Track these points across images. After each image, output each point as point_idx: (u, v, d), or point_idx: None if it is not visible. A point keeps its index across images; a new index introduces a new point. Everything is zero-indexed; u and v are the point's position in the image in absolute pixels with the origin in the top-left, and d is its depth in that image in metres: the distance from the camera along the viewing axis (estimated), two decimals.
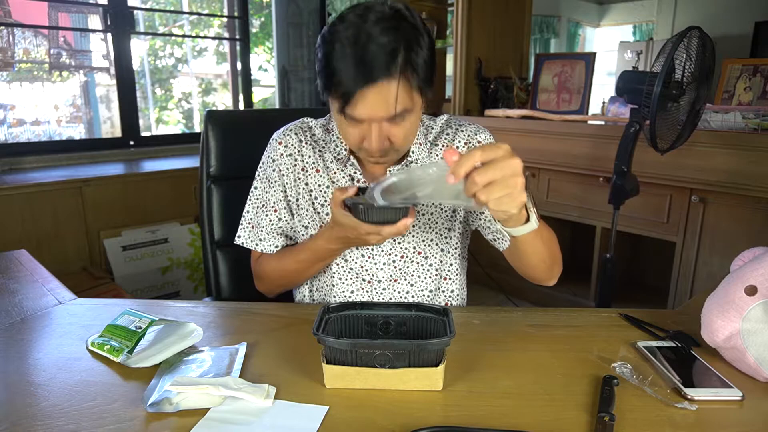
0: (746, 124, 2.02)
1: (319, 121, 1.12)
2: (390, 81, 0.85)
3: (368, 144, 0.92)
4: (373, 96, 0.86)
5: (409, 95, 0.89)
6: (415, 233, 1.07)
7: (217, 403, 0.70)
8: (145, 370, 0.79)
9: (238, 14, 3.39)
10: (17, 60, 2.72)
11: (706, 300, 0.84)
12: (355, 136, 0.94)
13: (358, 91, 0.86)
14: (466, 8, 2.97)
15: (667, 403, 0.71)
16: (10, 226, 2.12)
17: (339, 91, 0.87)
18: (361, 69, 0.84)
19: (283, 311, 1.02)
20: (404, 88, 0.87)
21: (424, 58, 0.89)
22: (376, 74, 0.84)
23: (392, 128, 0.91)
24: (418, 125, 0.98)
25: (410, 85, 0.88)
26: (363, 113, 0.88)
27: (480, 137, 1.09)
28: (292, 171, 1.08)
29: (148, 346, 0.85)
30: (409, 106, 0.89)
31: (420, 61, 0.88)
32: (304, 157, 1.08)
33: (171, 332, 0.87)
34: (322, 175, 1.07)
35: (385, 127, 0.91)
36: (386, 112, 0.88)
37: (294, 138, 1.09)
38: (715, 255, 2.15)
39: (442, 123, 1.11)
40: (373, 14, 0.86)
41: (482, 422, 0.67)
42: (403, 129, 0.92)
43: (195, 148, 3.08)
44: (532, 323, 0.97)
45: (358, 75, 0.85)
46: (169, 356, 0.82)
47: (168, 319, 0.90)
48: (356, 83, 0.85)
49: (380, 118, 0.89)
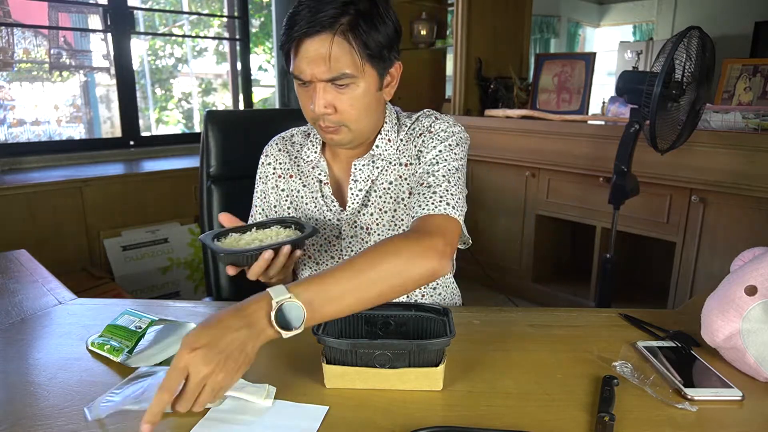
0: (746, 124, 2.02)
1: (303, 128, 1.14)
2: (329, 35, 0.86)
3: (313, 108, 0.91)
4: (313, 50, 0.86)
5: (350, 58, 0.87)
6: (379, 232, 1.06)
7: (217, 404, 0.70)
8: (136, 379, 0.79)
9: (238, 14, 3.39)
10: (17, 60, 2.72)
11: (706, 300, 0.84)
12: (305, 101, 0.93)
13: (298, 41, 0.87)
14: (466, 8, 2.97)
15: (667, 403, 0.71)
16: (10, 226, 2.12)
17: (287, 45, 0.89)
18: (307, 20, 0.85)
19: None
20: (344, 48, 0.86)
21: (378, 34, 0.89)
22: (318, 26, 0.85)
23: (336, 94, 0.90)
24: (370, 103, 0.94)
25: (351, 46, 0.87)
26: (303, 69, 0.88)
27: (435, 127, 1.00)
28: (270, 179, 1.11)
29: (148, 346, 0.85)
30: (351, 70, 0.88)
31: (372, 33, 0.88)
32: (281, 164, 1.11)
33: (171, 332, 0.87)
34: (294, 180, 1.10)
35: (330, 92, 0.90)
36: (325, 70, 0.87)
37: (275, 148, 1.12)
38: (715, 255, 2.15)
39: (415, 118, 1.07)
40: None
41: (482, 422, 0.67)
42: (348, 98, 0.91)
43: (195, 148, 3.08)
44: (532, 323, 0.97)
45: (302, 24, 0.85)
46: (169, 356, 0.82)
47: (168, 319, 0.90)
48: (299, 32, 0.86)
49: (319, 76, 0.88)
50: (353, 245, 1.07)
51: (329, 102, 0.90)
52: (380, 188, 1.04)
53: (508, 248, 2.95)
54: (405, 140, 1.05)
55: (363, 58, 0.88)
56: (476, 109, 3.14)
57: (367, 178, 1.04)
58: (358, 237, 1.06)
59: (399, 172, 1.04)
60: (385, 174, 1.04)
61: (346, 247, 1.07)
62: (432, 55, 3.80)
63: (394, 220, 1.06)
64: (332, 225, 1.07)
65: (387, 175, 1.04)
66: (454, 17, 3.03)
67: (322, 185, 1.06)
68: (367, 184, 1.04)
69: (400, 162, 1.04)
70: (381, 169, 1.04)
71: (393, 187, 1.04)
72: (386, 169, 1.04)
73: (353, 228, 1.06)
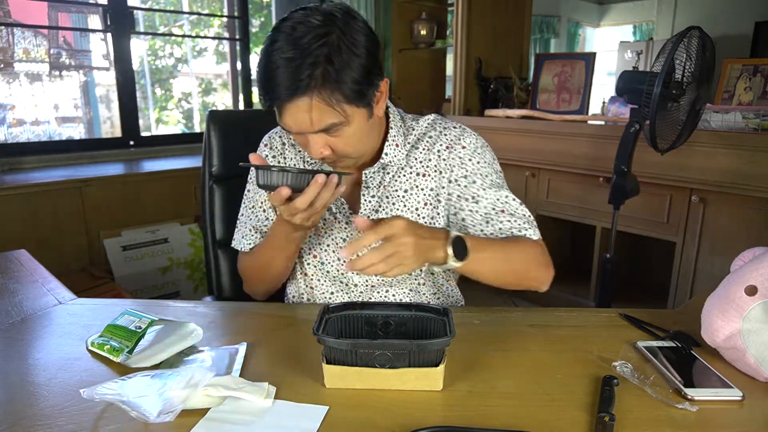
0: (746, 124, 2.02)
1: None
2: (305, 97, 0.84)
3: (310, 152, 0.92)
4: (295, 111, 0.86)
5: (333, 112, 0.86)
6: None
7: (217, 403, 0.70)
8: (145, 370, 0.79)
9: (238, 14, 3.39)
10: (17, 60, 2.72)
11: (706, 300, 0.84)
12: (300, 142, 0.94)
13: (280, 104, 0.86)
14: (466, 8, 2.97)
15: (667, 403, 0.71)
16: (10, 226, 2.12)
17: (266, 101, 0.89)
18: (280, 82, 0.84)
19: (283, 311, 1.02)
20: (323, 104, 0.85)
21: (355, 68, 0.85)
22: (293, 90, 0.84)
23: (330, 138, 0.90)
24: (366, 132, 0.94)
25: (331, 99, 0.85)
26: (291, 126, 0.89)
27: (465, 141, 1.03)
28: None
29: (148, 346, 0.85)
30: (337, 119, 0.87)
31: (346, 74, 0.84)
32: (286, 159, 1.09)
33: (171, 332, 0.87)
34: None
35: (323, 137, 0.90)
36: (309, 126, 0.87)
37: (278, 140, 1.11)
38: (715, 255, 2.15)
39: (426, 124, 1.07)
40: (303, 25, 0.84)
41: (482, 422, 0.67)
42: (343, 139, 0.90)
43: (195, 148, 3.08)
44: (532, 323, 0.97)
45: (279, 89, 0.84)
46: (169, 356, 0.82)
47: (168, 319, 0.90)
48: (277, 97, 0.85)
49: (307, 131, 0.88)
50: None
51: (324, 145, 0.91)
52: (393, 195, 1.04)
53: None
54: (422, 149, 1.04)
55: (345, 106, 0.87)
56: (476, 109, 3.14)
57: (379, 184, 1.04)
58: None
59: (415, 181, 1.04)
60: (398, 180, 1.04)
61: None
62: (432, 55, 3.80)
63: None
64: (340, 227, 1.06)
65: (400, 182, 1.04)
66: (454, 17, 3.03)
67: None
68: (379, 191, 1.04)
69: (417, 171, 1.03)
70: (392, 175, 1.04)
71: (408, 195, 1.04)
72: (398, 175, 1.04)
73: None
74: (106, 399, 0.68)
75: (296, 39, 0.83)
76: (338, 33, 0.84)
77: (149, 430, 0.66)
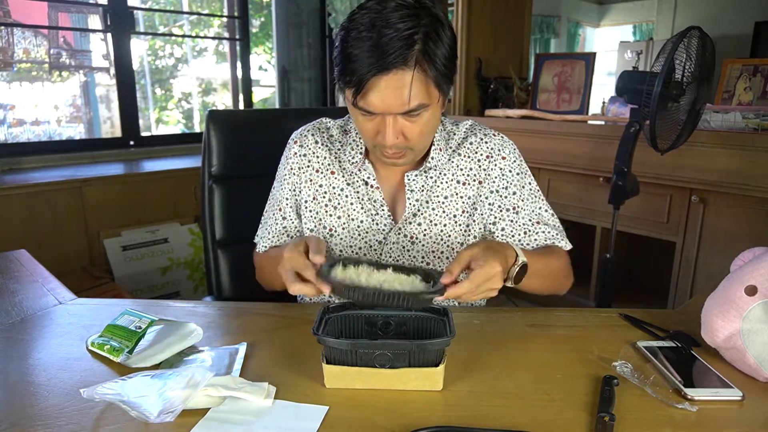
0: (746, 124, 2.02)
1: (337, 122, 1.11)
2: (405, 71, 0.82)
3: (382, 138, 0.89)
4: (387, 86, 0.82)
5: (425, 89, 0.85)
6: (424, 243, 1.03)
7: (217, 403, 0.70)
8: (145, 370, 0.79)
9: (238, 14, 3.39)
10: (17, 60, 2.72)
11: (706, 300, 0.83)
12: (369, 129, 0.90)
13: (370, 80, 0.82)
14: (466, 8, 2.97)
15: (667, 403, 0.71)
16: (10, 226, 2.12)
17: (352, 80, 0.84)
18: (375, 55, 0.81)
19: (283, 311, 1.02)
20: (420, 80, 0.83)
21: (444, 52, 0.85)
22: (390, 62, 0.80)
23: (407, 123, 0.88)
24: (436, 124, 0.94)
25: (427, 77, 0.84)
26: (376, 105, 0.85)
27: (504, 152, 1.05)
28: (305, 171, 1.07)
29: (148, 346, 0.85)
30: (426, 101, 0.86)
31: (439, 53, 0.84)
32: (318, 158, 1.07)
33: (171, 332, 0.87)
34: (337, 177, 1.06)
35: (400, 122, 0.87)
36: (400, 104, 0.84)
37: (310, 139, 1.08)
38: (715, 255, 2.15)
39: (465, 129, 1.07)
40: (393, 1, 0.83)
41: (482, 422, 0.67)
42: (419, 125, 0.89)
43: (195, 148, 3.08)
44: (532, 323, 0.97)
45: (372, 62, 0.81)
46: (169, 356, 0.82)
47: (168, 319, 0.90)
48: (369, 70, 0.81)
49: (394, 110, 0.85)
50: (394, 251, 1.04)
51: (399, 131, 0.89)
52: (434, 201, 1.03)
53: None
54: (464, 156, 1.04)
55: (437, 85, 0.86)
56: (476, 109, 3.14)
57: (422, 188, 1.03)
58: (400, 244, 1.04)
59: (455, 189, 1.04)
60: (440, 186, 1.03)
61: (387, 252, 1.04)
62: None
63: (442, 235, 1.04)
64: (377, 230, 1.04)
65: (441, 188, 1.03)
66: (454, 17, 3.03)
67: (372, 189, 1.04)
68: (423, 195, 1.03)
69: (457, 179, 1.04)
70: (434, 180, 1.03)
71: (448, 202, 1.03)
72: (439, 180, 1.03)
73: (398, 235, 1.04)
74: (107, 399, 0.68)
75: (388, 15, 0.82)
76: (428, 14, 0.85)
77: (149, 430, 0.66)
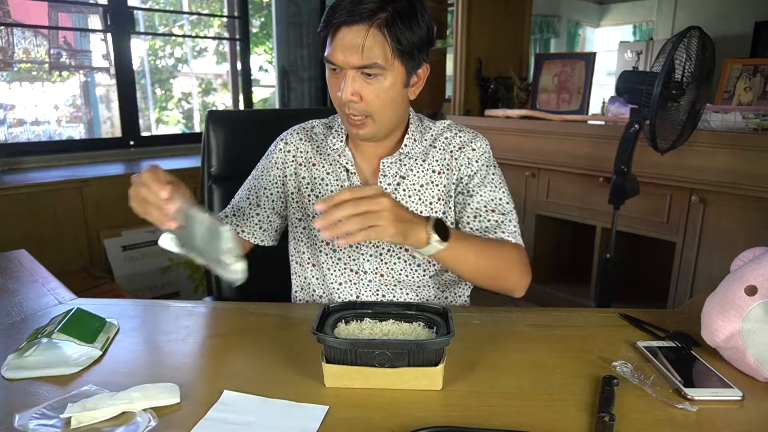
0: (746, 124, 2.02)
1: (323, 120, 1.18)
2: (367, 27, 0.91)
3: (340, 95, 0.95)
4: (348, 38, 0.91)
5: (382, 51, 0.92)
6: None
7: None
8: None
9: (238, 14, 3.39)
10: (17, 60, 2.72)
11: (706, 300, 0.83)
12: (334, 88, 0.98)
13: (339, 29, 0.92)
14: (466, 8, 2.97)
15: (667, 403, 0.71)
16: (10, 226, 2.12)
17: (324, 32, 0.95)
18: (348, 9, 0.91)
19: (283, 311, 1.02)
20: (378, 41, 0.91)
21: (414, 30, 0.93)
22: (357, 16, 0.90)
23: (364, 84, 0.94)
24: (396, 98, 0.98)
25: (385, 41, 0.92)
26: (337, 55, 0.93)
27: (475, 144, 1.09)
28: (290, 165, 1.13)
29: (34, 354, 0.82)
30: (381, 62, 0.92)
31: (406, 29, 0.92)
32: (301, 153, 1.13)
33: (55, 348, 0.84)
34: (318, 168, 1.11)
35: (358, 81, 0.94)
36: (357, 57, 0.91)
37: (295, 136, 1.15)
38: (715, 255, 2.15)
39: (443, 126, 1.12)
40: None
41: (482, 422, 0.67)
42: (375, 89, 0.95)
43: (195, 148, 3.08)
44: (532, 323, 0.97)
45: (343, 13, 0.91)
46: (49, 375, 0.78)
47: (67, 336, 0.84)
48: (338, 19, 0.91)
49: (351, 62, 0.92)
50: None
51: (356, 90, 0.95)
52: (409, 188, 1.07)
53: None
54: (439, 148, 1.09)
55: (394, 53, 0.93)
56: (476, 109, 3.14)
57: (396, 174, 1.07)
58: None
59: (431, 177, 1.08)
60: (414, 174, 1.07)
61: None
62: (432, 55, 3.79)
63: None
64: None
65: (417, 176, 1.07)
66: (454, 17, 3.03)
67: (350, 174, 1.08)
68: (396, 180, 1.07)
69: (432, 169, 1.08)
70: (408, 167, 1.07)
71: (423, 190, 1.07)
72: (414, 169, 1.07)
73: None
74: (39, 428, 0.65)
75: None
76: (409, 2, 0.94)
77: (149, 428, 0.65)
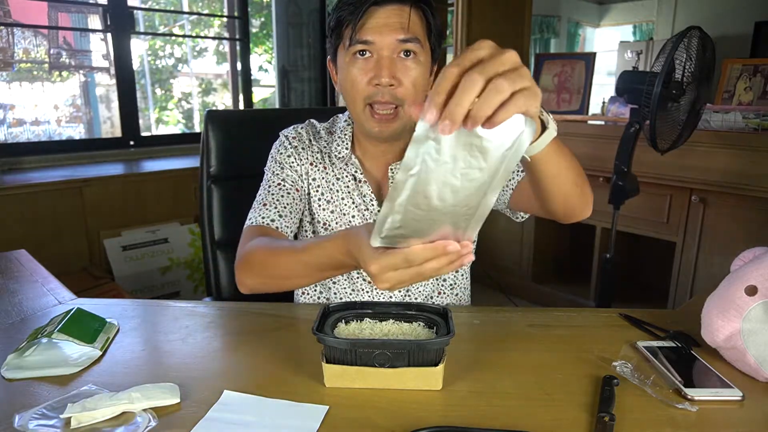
0: (746, 124, 2.02)
1: (323, 125, 1.13)
2: (404, 6, 0.87)
3: (377, 79, 0.89)
4: (386, 16, 0.87)
5: (421, 29, 0.89)
6: None
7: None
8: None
9: (238, 14, 3.39)
10: (17, 60, 2.72)
11: (706, 300, 0.83)
12: (360, 76, 0.91)
13: (369, 9, 0.87)
14: (466, 8, 2.97)
15: (667, 403, 0.71)
16: (10, 226, 2.12)
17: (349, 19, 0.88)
18: None
19: (283, 311, 1.02)
20: (419, 18, 0.88)
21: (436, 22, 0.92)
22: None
23: (402, 66, 0.90)
24: (425, 87, 0.94)
25: (425, 20, 0.89)
26: (374, 33, 0.87)
27: None
28: (304, 165, 1.08)
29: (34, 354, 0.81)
30: (421, 38, 0.89)
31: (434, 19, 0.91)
32: (312, 152, 1.08)
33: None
34: (328, 172, 1.08)
35: (395, 64, 0.89)
36: (400, 30, 0.87)
37: (304, 134, 1.10)
38: (715, 255, 2.15)
39: None
40: None
41: (482, 422, 0.67)
42: (413, 71, 0.91)
43: (195, 148, 3.08)
44: (532, 323, 0.97)
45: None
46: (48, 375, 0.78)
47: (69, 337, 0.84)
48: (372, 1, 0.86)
49: (393, 36, 0.88)
50: None
51: (393, 74, 0.90)
52: None
53: (508, 248, 2.95)
54: None
55: (429, 33, 0.92)
56: None
57: None
58: None
59: None
60: None
61: None
62: None
63: None
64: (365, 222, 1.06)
65: None
66: (454, 17, 3.03)
67: (361, 184, 1.05)
68: None
69: None
70: None
71: None
72: None
73: None
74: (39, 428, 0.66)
75: None
76: None
77: (149, 428, 0.65)
